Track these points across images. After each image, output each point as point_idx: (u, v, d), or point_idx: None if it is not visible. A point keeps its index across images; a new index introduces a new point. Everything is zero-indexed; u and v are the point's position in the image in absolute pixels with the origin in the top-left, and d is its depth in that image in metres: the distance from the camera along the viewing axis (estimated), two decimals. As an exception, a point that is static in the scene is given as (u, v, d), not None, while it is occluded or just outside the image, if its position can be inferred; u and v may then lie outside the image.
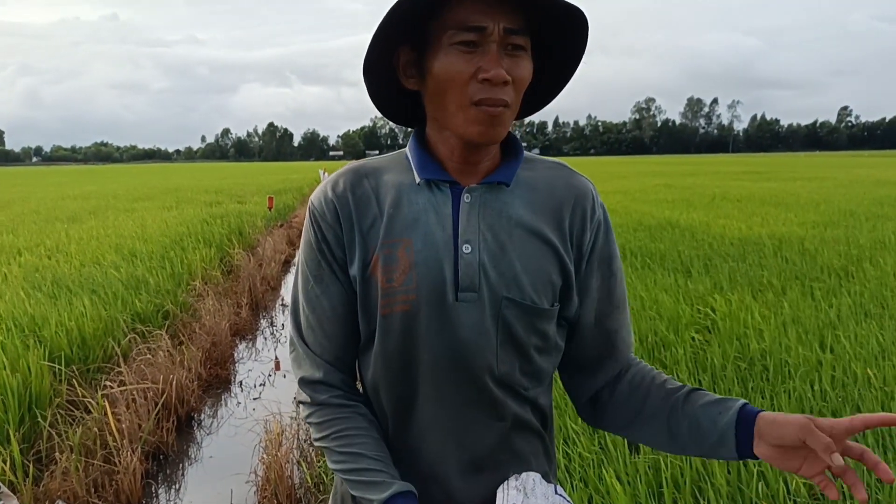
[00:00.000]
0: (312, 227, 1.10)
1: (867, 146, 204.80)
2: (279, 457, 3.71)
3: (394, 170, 1.10)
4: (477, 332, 1.04)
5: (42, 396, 4.01)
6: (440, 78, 0.98)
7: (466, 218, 1.04)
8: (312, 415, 1.11)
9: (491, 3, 0.95)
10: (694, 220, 11.08)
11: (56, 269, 7.28)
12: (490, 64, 0.95)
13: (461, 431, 1.09)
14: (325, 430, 1.08)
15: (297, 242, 13.43)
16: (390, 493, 1.00)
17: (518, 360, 1.08)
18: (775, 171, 36.17)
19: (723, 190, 19.26)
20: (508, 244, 1.05)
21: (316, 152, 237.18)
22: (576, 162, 72.33)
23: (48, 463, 3.70)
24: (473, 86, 0.97)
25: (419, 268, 1.03)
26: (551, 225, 1.08)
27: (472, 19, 0.95)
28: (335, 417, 1.09)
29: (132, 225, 11.58)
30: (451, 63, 0.97)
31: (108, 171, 72.16)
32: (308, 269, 1.11)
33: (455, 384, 1.06)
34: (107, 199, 19.54)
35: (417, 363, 1.06)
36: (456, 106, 0.99)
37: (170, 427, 4.44)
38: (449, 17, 0.96)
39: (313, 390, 1.11)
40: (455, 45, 0.96)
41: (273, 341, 6.84)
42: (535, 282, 1.06)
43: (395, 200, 1.06)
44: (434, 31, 0.98)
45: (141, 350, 5.08)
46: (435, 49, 0.99)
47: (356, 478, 1.04)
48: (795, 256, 7.36)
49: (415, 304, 1.03)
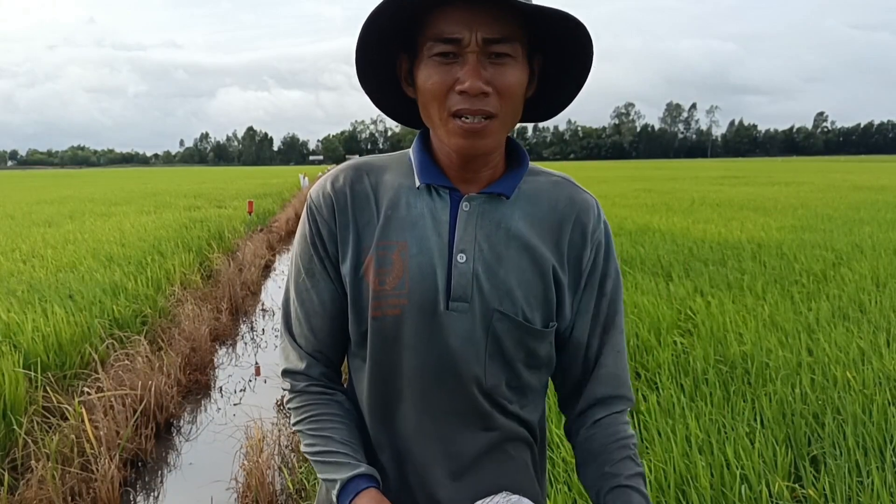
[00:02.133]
0: (308, 220, 1.09)
1: (843, 151, 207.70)
2: (260, 463, 3.67)
3: (395, 170, 1.09)
4: (466, 343, 1.03)
5: (17, 403, 3.93)
6: (422, 89, 0.98)
7: (463, 227, 1.03)
8: (292, 401, 1.12)
9: (466, 13, 0.93)
10: (674, 225, 11.15)
11: (32, 273, 7.17)
12: (466, 75, 0.94)
13: (447, 440, 1.08)
14: (301, 415, 1.10)
15: (277, 247, 13.36)
16: (351, 474, 1.02)
17: (505, 373, 1.07)
18: (753, 175, 36.55)
19: (702, 194, 19.43)
20: (504, 257, 1.04)
21: (296, 157, 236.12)
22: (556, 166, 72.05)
23: (24, 471, 3.63)
24: (452, 97, 0.95)
25: (412, 273, 1.02)
26: (549, 242, 1.07)
27: (447, 31, 0.93)
28: (311, 403, 1.10)
29: (110, 229, 11.44)
30: (430, 75, 0.96)
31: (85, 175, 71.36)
32: (300, 262, 1.10)
33: (441, 392, 1.05)
34: (84, 203, 19.30)
35: (404, 368, 1.05)
36: (438, 117, 0.98)
37: (148, 434, 4.38)
38: (428, 28, 0.95)
39: (294, 379, 1.12)
40: (433, 57, 0.96)
41: (253, 346, 6.79)
42: (529, 297, 1.05)
43: (394, 202, 1.05)
44: (419, 42, 0.98)
45: (119, 356, 5.01)
46: (419, 60, 0.98)
47: (322, 459, 1.05)
48: (774, 260, 7.42)
49: (405, 310, 1.02)
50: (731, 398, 3.53)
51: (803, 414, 3.25)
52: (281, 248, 13.57)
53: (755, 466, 2.78)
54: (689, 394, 3.63)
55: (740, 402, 3.46)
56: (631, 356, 4.27)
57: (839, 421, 3.16)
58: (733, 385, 3.72)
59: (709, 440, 3.01)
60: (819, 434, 3.10)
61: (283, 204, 21.30)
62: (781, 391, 3.49)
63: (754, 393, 3.58)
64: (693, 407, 3.40)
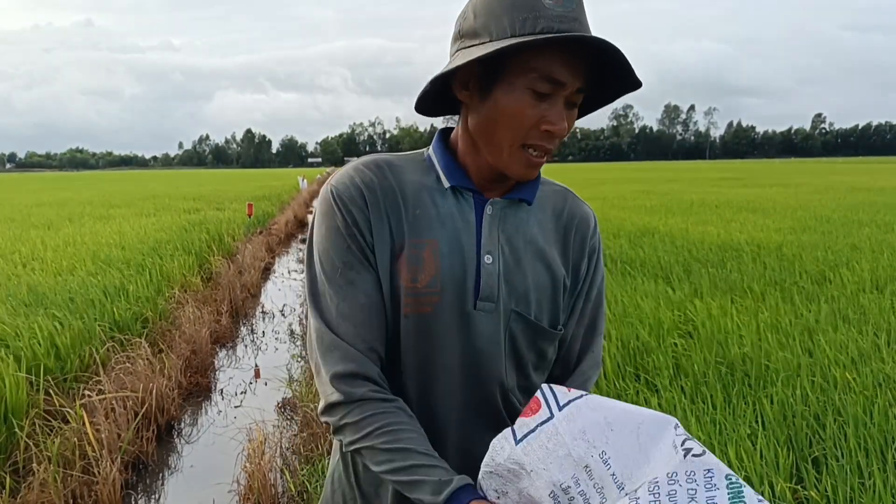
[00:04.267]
0: (339, 211, 1.03)
1: (841, 153, 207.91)
2: (262, 465, 3.67)
3: (413, 169, 1.10)
4: (491, 342, 1.07)
5: (18, 406, 3.93)
6: (503, 112, 0.98)
7: (488, 229, 1.07)
8: (349, 414, 1.00)
9: (574, 59, 0.95)
10: (673, 227, 11.16)
11: (31, 276, 7.16)
12: (557, 118, 0.97)
13: (462, 437, 1.10)
14: (367, 428, 0.98)
15: (276, 249, 13.34)
16: (451, 490, 0.91)
17: (517, 374, 1.12)
18: (752, 177, 36.60)
19: (701, 196, 19.44)
20: (523, 260, 1.09)
21: (294, 159, 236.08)
22: (555, 169, 72.75)
23: (25, 474, 3.63)
24: (532, 130, 0.98)
25: (444, 272, 1.04)
26: (557, 248, 1.13)
27: (557, 72, 0.95)
28: (377, 413, 0.99)
29: (109, 232, 11.43)
30: (521, 105, 0.97)
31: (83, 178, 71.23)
32: (335, 257, 1.03)
33: (464, 390, 1.08)
34: (83, 205, 19.28)
35: (432, 365, 1.07)
36: (506, 143, 1.00)
37: (150, 436, 4.38)
38: (534, 60, 0.95)
39: (350, 385, 1.00)
40: (531, 90, 0.96)
41: (253, 349, 6.79)
42: (542, 300, 1.10)
43: (421, 199, 1.07)
44: (512, 64, 0.96)
45: (120, 359, 5.00)
46: (507, 81, 0.97)
47: (408, 477, 0.95)
48: (774, 262, 7.43)
49: (437, 308, 1.04)
50: (732, 400, 3.53)
51: (804, 415, 3.26)
52: (280, 250, 13.58)
53: (757, 468, 2.78)
54: (690, 395, 3.63)
55: (741, 404, 3.47)
56: (631, 358, 4.28)
57: (840, 422, 3.17)
58: (734, 387, 3.72)
59: (710, 442, 3.01)
60: (820, 435, 3.10)
61: (282, 206, 21.33)
62: (782, 393, 3.49)
63: (755, 395, 3.59)
64: (694, 409, 3.40)
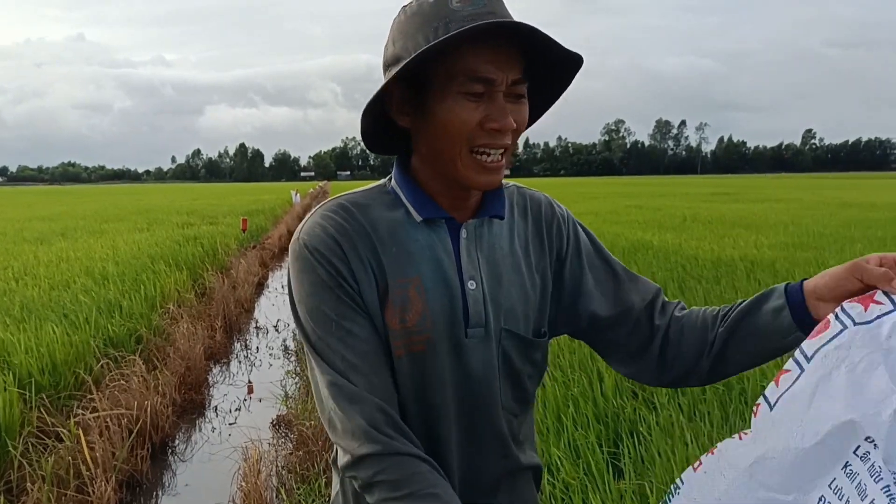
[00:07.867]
0: (319, 265, 0.99)
1: (831, 168, 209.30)
2: (258, 485, 3.65)
3: (380, 206, 1.06)
4: (486, 366, 1.06)
5: (12, 425, 3.91)
6: (443, 123, 0.97)
7: (466, 254, 1.05)
8: (385, 471, 0.92)
9: (500, 54, 0.94)
10: (666, 242, 11.19)
11: (24, 292, 7.13)
12: (499, 114, 0.96)
13: (464, 468, 1.09)
14: (407, 488, 0.91)
15: (270, 264, 13.31)
16: None
17: (511, 388, 1.10)
18: (743, 192, 36.76)
19: (693, 211, 19.50)
20: (504, 276, 1.07)
21: (287, 173, 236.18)
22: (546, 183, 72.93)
23: (19, 493, 3.60)
24: (476, 133, 0.97)
25: (432, 308, 1.02)
26: (536, 247, 1.13)
27: (482, 70, 0.94)
28: (417, 472, 0.93)
29: (103, 247, 11.40)
30: (457, 111, 0.96)
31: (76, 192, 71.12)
32: (327, 311, 0.99)
33: (463, 417, 1.07)
34: (76, 220, 19.25)
35: (431, 400, 1.04)
36: (456, 152, 0.98)
37: (144, 454, 4.35)
38: (457, 64, 0.94)
39: (386, 436, 0.94)
40: (463, 94, 0.95)
41: (248, 365, 6.76)
42: (528, 311, 1.09)
43: (395, 237, 1.03)
44: (438, 73, 0.96)
45: (114, 376, 4.98)
46: (438, 93, 0.96)
47: None
48: (768, 278, 7.45)
49: (429, 345, 1.02)
50: (730, 418, 3.53)
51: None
52: (274, 264, 13.54)
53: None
54: (688, 414, 3.63)
55: (738, 422, 3.47)
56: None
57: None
58: (731, 405, 3.73)
59: (708, 460, 3.01)
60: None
61: (275, 221, 21.31)
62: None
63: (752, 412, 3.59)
64: (691, 427, 3.40)
